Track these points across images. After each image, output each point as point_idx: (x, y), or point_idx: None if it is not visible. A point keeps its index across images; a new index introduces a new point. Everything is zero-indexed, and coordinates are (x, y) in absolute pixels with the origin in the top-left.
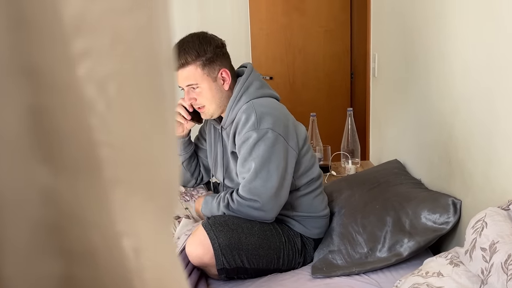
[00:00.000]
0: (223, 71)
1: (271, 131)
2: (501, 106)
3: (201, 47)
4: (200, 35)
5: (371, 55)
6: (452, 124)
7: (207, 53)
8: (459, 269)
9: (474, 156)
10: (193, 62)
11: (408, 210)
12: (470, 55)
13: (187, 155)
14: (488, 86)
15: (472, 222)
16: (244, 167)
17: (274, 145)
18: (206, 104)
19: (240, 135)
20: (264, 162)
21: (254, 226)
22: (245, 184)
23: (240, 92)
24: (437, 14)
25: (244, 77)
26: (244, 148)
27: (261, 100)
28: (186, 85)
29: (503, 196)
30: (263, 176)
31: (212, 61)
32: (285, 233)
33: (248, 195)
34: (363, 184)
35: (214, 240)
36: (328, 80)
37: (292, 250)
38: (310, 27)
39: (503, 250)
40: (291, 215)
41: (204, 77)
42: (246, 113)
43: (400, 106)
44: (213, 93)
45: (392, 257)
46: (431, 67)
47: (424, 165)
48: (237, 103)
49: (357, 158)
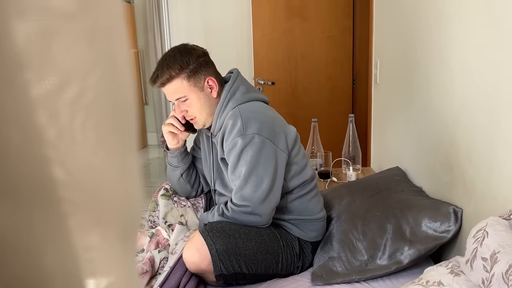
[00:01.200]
0: (209, 79)
1: (257, 135)
2: (502, 114)
3: (183, 59)
4: (180, 47)
5: (373, 61)
6: (454, 132)
7: (190, 64)
8: (460, 278)
9: (476, 164)
10: (178, 76)
11: (409, 217)
12: (471, 62)
13: (185, 166)
14: (490, 94)
15: (473, 232)
16: (235, 174)
17: (261, 150)
18: (197, 114)
19: (228, 141)
20: (252, 167)
21: (251, 231)
22: (236, 191)
23: (226, 98)
24: (438, 21)
25: (229, 83)
26: (232, 155)
27: (247, 105)
28: (175, 99)
29: (505, 205)
30: (253, 181)
31: (196, 71)
32: (283, 237)
33: (239, 201)
34: (364, 190)
35: (211, 246)
36: (330, 86)
37: (290, 254)
38: (312, 32)
39: (504, 260)
40: (286, 218)
41: (191, 88)
42: (232, 119)
43: (402, 112)
44: (201, 102)
45: (392, 265)
46: (432, 74)
47: (425, 172)
48: (224, 110)
49: (358, 165)
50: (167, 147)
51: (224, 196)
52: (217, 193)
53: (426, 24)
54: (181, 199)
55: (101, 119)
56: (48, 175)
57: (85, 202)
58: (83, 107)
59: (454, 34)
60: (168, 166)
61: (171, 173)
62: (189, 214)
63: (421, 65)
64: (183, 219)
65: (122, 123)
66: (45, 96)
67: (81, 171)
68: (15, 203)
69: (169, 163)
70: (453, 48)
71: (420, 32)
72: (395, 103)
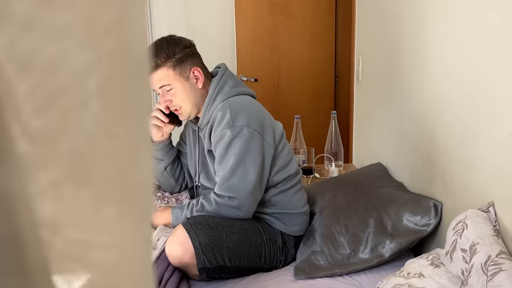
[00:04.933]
0: (195, 69)
1: (246, 127)
2: (482, 111)
3: (170, 48)
4: (167, 38)
5: (355, 58)
6: (434, 128)
7: (176, 53)
8: (440, 270)
9: (456, 160)
10: (164, 64)
11: (390, 212)
12: (452, 60)
13: (169, 160)
14: (470, 91)
15: (452, 224)
16: (221, 165)
17: (249, 141)
18: (182, 104)
19: (216, 133)
20: (240, 158)
21: (235, 224)
22: (222, 182)
23: (215, 92)
24: (418, 19)
25: (218, 77)
26: (220, 147)
27: (236, 98)
28: (159, 87)
29: (483, 198)
30: (240, 172)
31: (182, 61)
32: (266, 231)
33: (226, 192)
34: (346, 186)
35: (194, 239)
36: (313, 83)
37: (273, 248)
38: (295, 30)
39: (483, 251)
40: (269, 212)
41: (176, 77)
42: (221, 111)
43: (383, 109)
44: (187, 92)
45: (374, 259)
46: (413, 71)
47: (407, 168)
48: (212, 103)
49: (341, 161)
50: (151, 140)
51: (208, 189)
52: (201, 187)
53: (406, 22)
54: (165, 195)
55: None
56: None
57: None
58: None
59: (436, 32)
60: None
61: (155, 166)
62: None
63: (402, 62)
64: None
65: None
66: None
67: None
68: None
69: (154, 156)
70: (435, 46)
71: (401, 30)
72: (376, 100)
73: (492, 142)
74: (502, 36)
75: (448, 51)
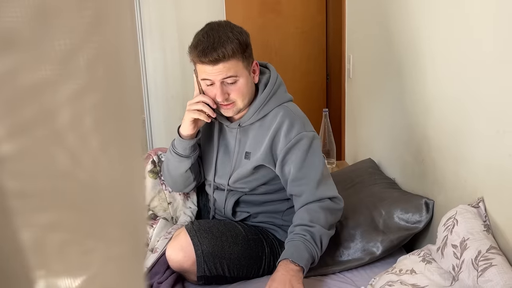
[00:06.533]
0: (255, 63)
1: (314, 133)
2: (471, 108)
3: (242, 37)
4: (231, 25)
5: (346, 56)
6: (425, 125)
7: (248, 44)
8: (431, 266)
9: (446, 156)
10: (238, 54)
11: (382, 210)
12: (442, 57)
13: (196, 156)
14: (460, 88)
15: (443, 220)
16: (303, 169)
17: (320, 145)
18: (239, 99)
19: (288, 137)
20: (322, 162)
21: (239, 235)
22: (317, 186)
23: (270, 94)
24: (410, 16)
25: (273, 79)
26: (295, 153)
27: (291, 105)
28: (223, 78)
29: (473, 194)
30: (326, 173)
31: (250, 52)
32: (269, 243)
33: (332, 194)
34: (337, 184)
35: (197, 247)
36: (304, 81)
37: (273, 261)
38: (286, 28)
39: (473, 247)
40: (279, 224)
41: (243, 70)
42: (288, 117)
43: (375, 106)
44: (248, 87)
45: (366, 256)
46: (404, 69)
47: (398, 164)
48: (265, 104)
49: (333, 159)
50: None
51: (234, 190)
52: (226, 188)
53: (397, 19)
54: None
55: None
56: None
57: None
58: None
59: (426, 30)
60: (173, 157)
61: (178, 164)
62: (177, 202)
63: (393, 59)
64: (170, 209)
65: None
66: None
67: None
68: None
69: (177, 153)
70: (425, 43)
71: (392, 27)
72: (368, 97)
73: (480, 139)
74: (488, 36)
75: (438, 48)
